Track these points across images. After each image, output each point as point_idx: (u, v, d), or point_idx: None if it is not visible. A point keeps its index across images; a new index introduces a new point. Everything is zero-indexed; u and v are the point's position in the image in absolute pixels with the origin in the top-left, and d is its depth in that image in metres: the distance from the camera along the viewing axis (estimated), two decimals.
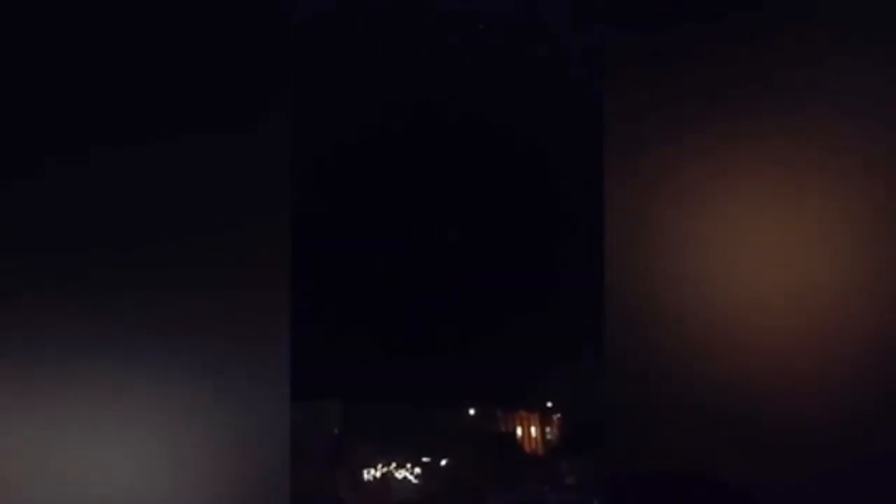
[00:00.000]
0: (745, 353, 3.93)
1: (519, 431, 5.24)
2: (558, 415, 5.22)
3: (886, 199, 3.90)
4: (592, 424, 4.98)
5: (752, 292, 3.93)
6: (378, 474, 5.16)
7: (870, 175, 3.90)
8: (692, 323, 3.94)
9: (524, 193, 5.14)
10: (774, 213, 3.93)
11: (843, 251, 3.89)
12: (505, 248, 5.16)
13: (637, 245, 3.97)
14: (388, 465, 5.16)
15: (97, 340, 3.87)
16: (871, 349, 3.89)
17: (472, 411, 5.25)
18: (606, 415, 4.00)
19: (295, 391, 4.16)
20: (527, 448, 5.23)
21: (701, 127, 3.96)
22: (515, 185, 5.14)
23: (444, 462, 5.17)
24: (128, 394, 3.87)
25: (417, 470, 5.17)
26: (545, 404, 5.22)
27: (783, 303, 3.93)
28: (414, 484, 5.18)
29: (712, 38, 3.96)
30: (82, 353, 3.83)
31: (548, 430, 5.22)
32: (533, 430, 5.23)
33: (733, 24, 3.95)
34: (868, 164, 3.90)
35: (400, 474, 5.17)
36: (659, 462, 3.98)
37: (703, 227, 3.97)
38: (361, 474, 5.16)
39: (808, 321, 3.91)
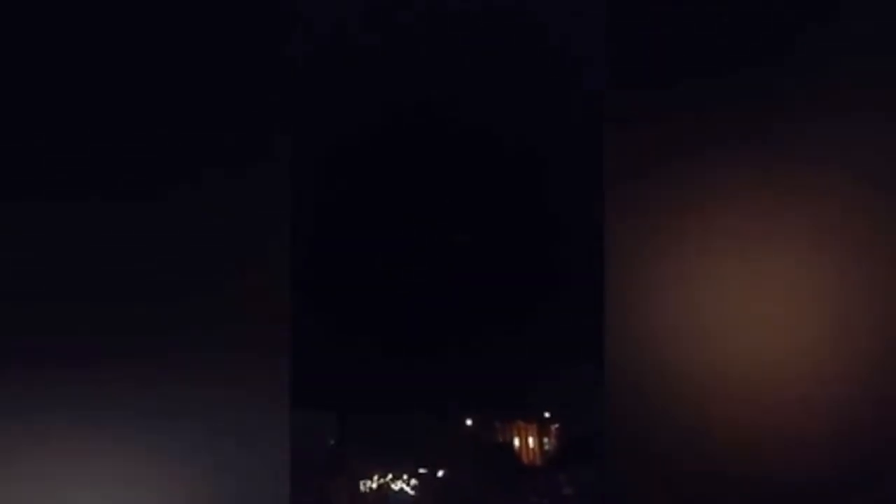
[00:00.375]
0: (741, 405, 3.99)
1: (517, 442, 5.22)
2: (556, 425, 5.20)
3: (882, 254, 3.94)
4: (591, 435, 4.97)
5: (748, 345, 3.98)
6: (375, 485, 5.14)
7: (866, 230, 3.94)
8: (690, 377, 3.99)
9: (522, 203, 5.13)
10: (770, 267, 3.98)
11: (838, 306, 3.93)
12: (503, 257, 5.15)
13: (635, 302, 4.03)
14: (385, 476, 5.14)
15: (97, 349, 3.86)
16: (866, 399, 3.93)
17: (469, 422, 5.23)
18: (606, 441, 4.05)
19: (292, 401, 4.15)
20: (525, 459, 5.21)
21: (699, 183, 4.01)
22: (513, 195, 5.12)
23: (441, 473, 5.15)
24: (128, 398, 3.85)
25: (414, 481, 5.14)
26: (543, 415, 5.20)
27: (778, 356, 3.98)
28: (411, 495, 5.16)
29: (710, 96, 4.01)
30: (81, 361, 3.82)
31: (546, 440, 5.20)
32: (531, 440, 5.21)
33: (731, 83, 4.00)
34: (864, 220, 3.95)
35: (397, 485, 5.15)
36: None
37: (700, 281, 4.02)
38: (358, 485, 5.14)
39: (802, 372, 3.96)
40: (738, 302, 4.01)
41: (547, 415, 5.20)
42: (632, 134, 3.99)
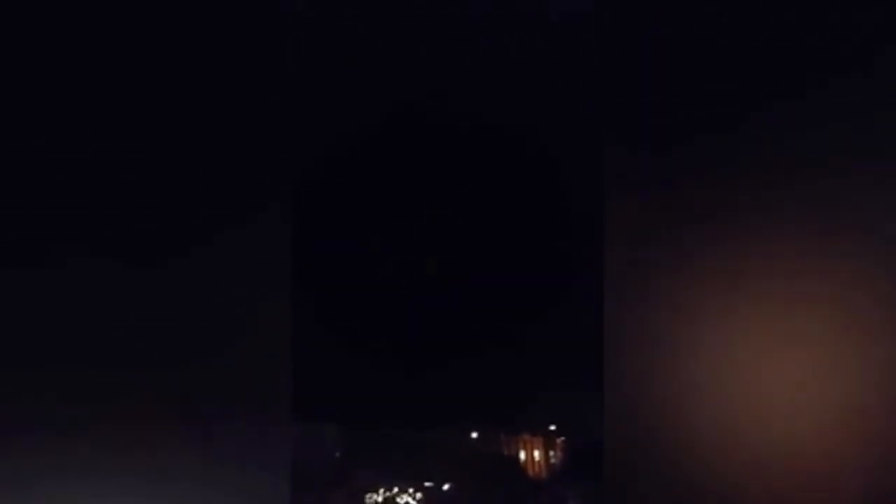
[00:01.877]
0: (741, 462, 4.02)
1: (522, 455, 5.20)
2: (562, 438, 5.18)
3: (883, 317, 3.96)
4: (596, 449, 4.94)
5: (748, 407, 4.03)
6: (380, 499, 5.12)
7: (867, 294, 3.97)
8: (689, 439, 4.03)
9: (527, 213, 5.11)
10: (772, 330, 4.02)
11: (841, 367, 3.96)
12: (507, 269, 5.13)
13: (635, 367, 4.07)
14: (391, 489, 5.11)
15: (98, 357, 3.86)
16: (866, 460, 3.95)
17: (474, 435, 5.20)
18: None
19: (295, 414, 4.14)
20: (530, 472, 5.19)
21: (700, 247, 4.04)
22: (516, 200, 5.11)
23: (446, 487, 5.13)
24: (128, 416, 3.84)
25: (420, 495, 5.12)
26: (549, 428, 5.18)
27: (776, 414, 4.01)
28: None
29: (710, 161, 4.04)
30: (81, 361, 3.82)
31: (551, 453, 5.18)
32: (536, 453, 5.18)
33: (733, 145, 4.02)
34: (864, 282, 3.97)
35: (402, 499, 5.12)
36: None
37: (701, 345, 4.07)
38: (363, 499, 5.12)
39: (802, 432, 3.99)
40: (735, 361, 4.05)
41: (552, 428, 5.18)
42: (632, 197, 4.04)
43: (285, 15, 3.99)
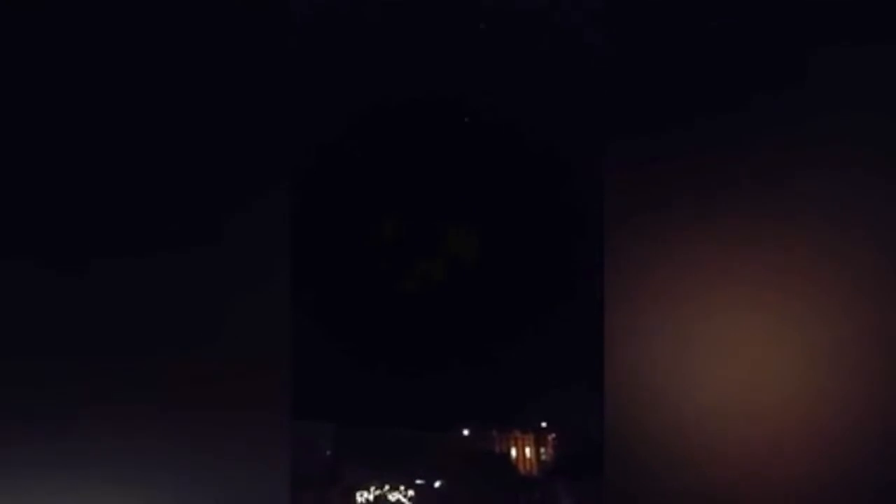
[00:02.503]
0: (739, 462, 4.05)
1: (514, 453, 5.20)
2: (553, 435, 5.18)
3: (881, 320, 3.99)
4: (588, 446, 4.95)
5: (749, 406, 4.06)
6: (371, 497, 5.11)
7: (867, 297, 4.00)
8: (688, 437, 4.05)
9: (523, 214, 5.12)
10: (769, 326, 4.04)
11: (837, 365, 4.00)
12: (501, 268, 5.13)
13: (635, 366, 4.09)
14: (382, 487, 5.11)
15: (99, 362, 3.85)
16: (867, 460, 3.98)
17: (466, 432, 5.21)
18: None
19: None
20: (522, 469, 5.19)
21: (699, 245, 4.06)
22: (514, 205, 5.11)
23: (438, 484, 5.13)
24: (129, 413, 3.84)
25: (411, 492, 5.12)
26: (540, 425, 5.18)
27: (777, 412, 4.04)
28: None
29: (709, 158, 4.06)
30: (83, 369, 3.81)
31: (543, 451, 5.18)
32: (528, 451, 5.19)
33: (732, 142, 4.05)
34: (864, 282, 4.00)
35: (393, 497, 5.12)
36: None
37: (700, 339, 4.09)
38: (355, 497, 5.11)
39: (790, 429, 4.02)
40: (736, 360, 4.08)
41: (544, 425, 5.18)
42: (631, 250, 4.07)
43: (286, 15, 3.99)
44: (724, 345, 4.12)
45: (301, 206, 4.28)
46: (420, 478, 5.13)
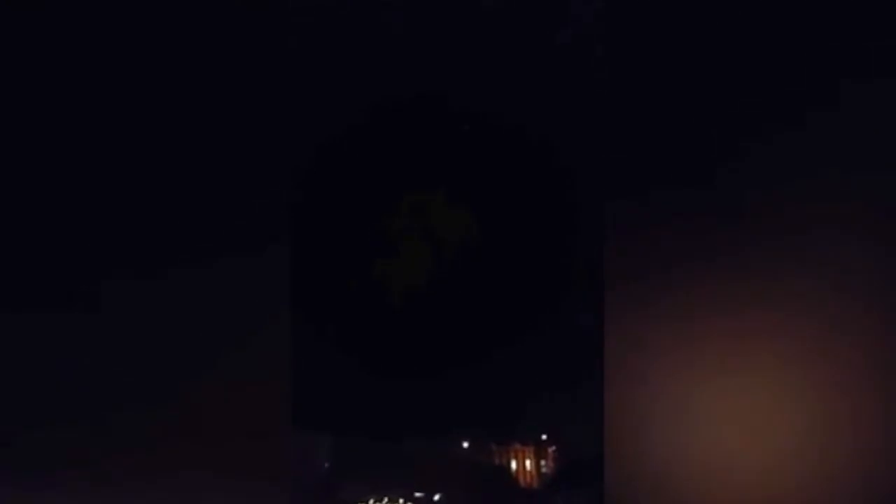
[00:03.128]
0: (738, 477, 4.05)
1: (513, 465, 5.17)
2: (553, 448, 5.15)
3: (880, 376, 3.99)
4: (587, 458, 4.92)
5: (747, 423, 4.08)
6: None
7: (862, 352, 4.01)
8: (688, 457, 4.05)
9: (520, 224, 5.10)
10: (772, 346, 4.04)
11: (836, 422, 4.00)
12: (499, 279, 5.11)
13: (634, 403, 4.08)
14: (381, 500, 5.08)
15: (102, 367, 3.83)
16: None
17: (466, 445, 5.18)
18: None
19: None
20: (521, 482, 5.16)
21: (698, 290, 4.08)
22: (512, 210, 5.09)
23: (437, 497, 5.10)
24: (126, 423, 3.82)
25: None
26: (540, 437, 5.16)
27: (776, 433, 4.04)
28: None
29: (708, 205, 4.07)
30: (89, 379, 3.79)
31: (542, 463, 5.15)
32: (527, 463, 5.16)
33: (729, 193, 4.06)
34: (860, 340, 4.01)
35: None
36: None
37: (697, 386, 4.10)
38: None
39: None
40: (734, 376, 4.08)
41: (543, 437, 5.16)
42: (631, 293, 4.09)
43: (285, 15, 3.99)
44: (725, 358, 4.12)
45: (300, 221, 4.27)
46: (419, 490, 5.09)
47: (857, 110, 3.98)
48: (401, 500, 5.09)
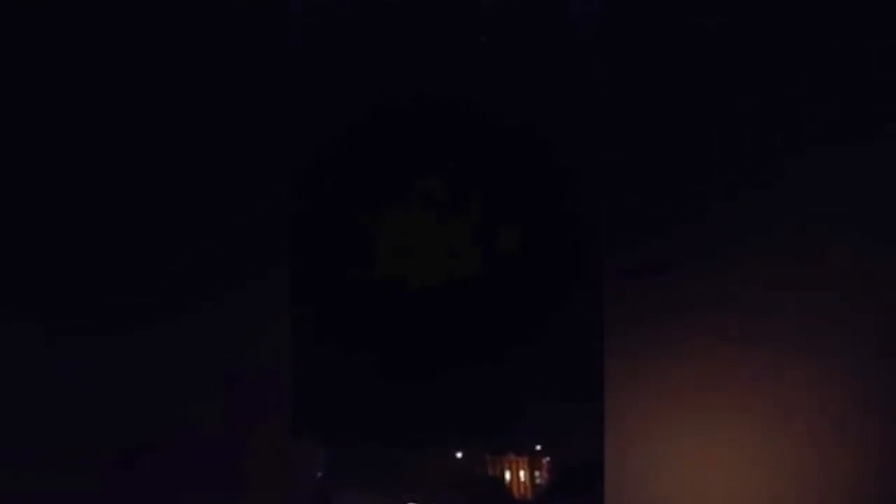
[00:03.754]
0: (740, 485, 4.08)
1: (508, 475, 5.19)
2: (547, 458, 5.18)
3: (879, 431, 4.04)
4: (582, 469, 4.96)
5: (748, 427, 4.12)
6: None
7: (865, 384, 4.04)
8: (689, 465, 4.08)
9: (517, 231, 5.09)
10: (770, 348, 4.08)
11: (838, 442, 4.04)
12: (495, 289, 5.11)
13: (634, 414, 4.09)
14: None
15: (98, 376, 3.80)
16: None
17: (460, 455, 5.19)
18: None
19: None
20: (516, 492, 5.19)
21: (699, 298, 4.10)
22: (512, 215, 5.08)
23: None
24: (132, 417, 3.81)
25: None
26: (534, 448, 5.18)
27: (777, 437, 4.09)
28: None
29: (709, 206, 4.09)
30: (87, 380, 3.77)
31: (537, 474, 5.18)
32: (522, 474, 5.18)
33: (730, 194, 4.07)
34: (863, 372, 4.04)
35: None
36: None
37: (696, 397, 4.12)
38: None
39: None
40: (733, 380, 4.12)
41: (538, 448, 5.18)
42: (630, 353, 4.10)
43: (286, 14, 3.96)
44: (722, 360, 4.15)
45: (300, 226, 4.24)
46: (413, 500, 5.10)
47: (856, 110, 4.00)
48: None
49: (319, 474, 5.09)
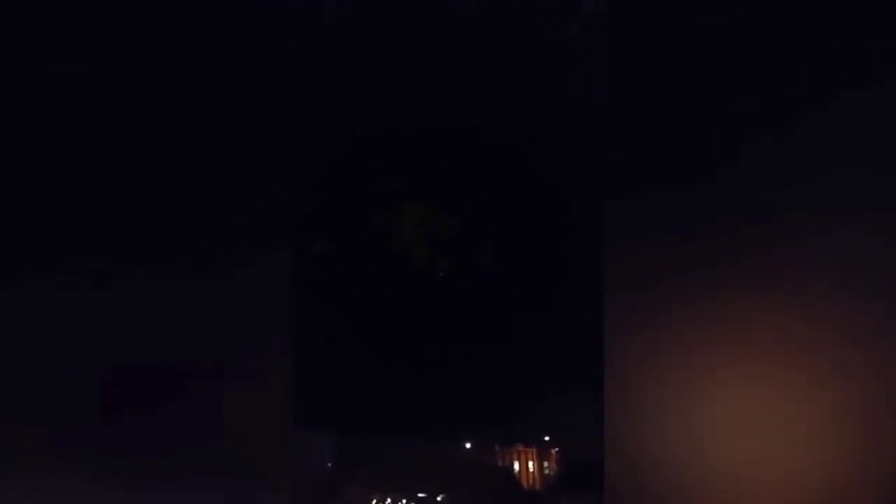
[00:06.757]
0: (741, 474, 4.04)
1: (517, 466, 5.18)
2: (556, 449, 5.16)
3: (882, 363, 3.98)
4: (590, 459, 4.93)
5: (749, 418, 4.07)
6: None
7: (870, 346, 3.99)
8: (687, 475, 4.05)
9: (521, 225, 5.09)
10: (772, 336, 4.04)
11: (834, 408, 3.99)
12: (502, 279, 5.11)
13: (635, 405, 4.07)
14: (384, 500, 5.09)
15: (98, 370, 3.83)
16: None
17: (469, 445, 5.18)
18: None
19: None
20: (524, 483, 5.17)
21: (699, 291, 4.07)
22: (511, 214, 5.08)
23: (440, 497, 5.11)
24: (129, 421, 3.83)
25: None
26: (543, 439, 5.16)
27: (777, 426, 4.04)
28: None
29: (709, 205, 4.07)
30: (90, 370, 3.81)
31: (545, 464, 5.16)
32: (531, 464, 5.17)
33: (732, 199, 4.05)
34: (869, 335, 3.99)
35: None
36: None
37: (696, 382, 4.09)
38: None
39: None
40: (735, 371, 4.08)
41: (547, 439, 5.16)
42: (632, 248, 4.07)
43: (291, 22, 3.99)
44: (725, 353, 4.13)
45: (301, 222, 4.25)
46: (423, 491, 5.10)
47: (858, 109, 3.97)
48: (404, 501, 5.10)
49: (329, 464, 5.11)
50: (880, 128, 3.98)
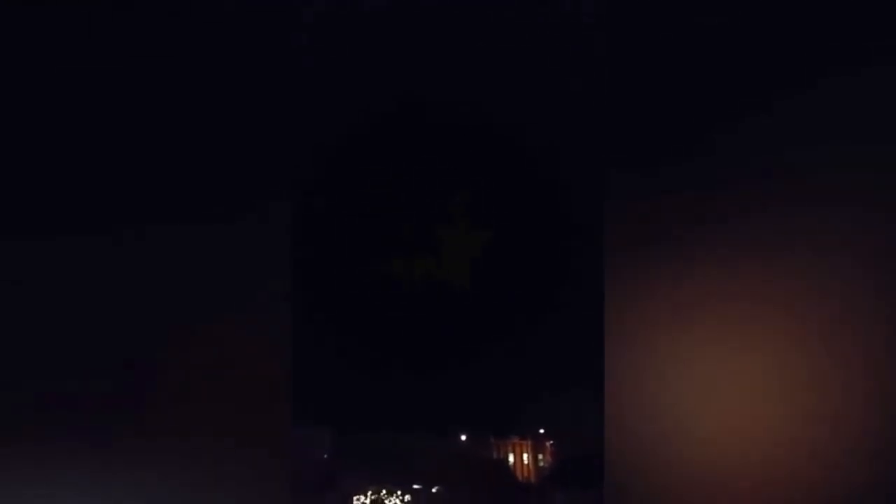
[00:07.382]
0: (739, 470, 4.04)
1: (511, 459, 5.19)
2: (551, 442, 5.17)
3: (879, 333, 3.98)
4: (586, 453, 4.94)
5: (748, 413, 4.06)
6: (368, 501, 5.10)
7: (865, 309, 3.99)
8: (689, 454, 4.05)
9: (519, 221, 5.11)
10: (774, 334, 4.04)
11: (834, 381, 3.99)
12: (499, 274, 5.13)
13: (635, 372, 4.08)
14: (379, 492, 5.10)
15: (97, 364, 3.83)
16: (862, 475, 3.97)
17: (464, 438, 5.20)
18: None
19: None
20: (519, 476, 5.18)
21: (699, 286, 4.07)
22: (510, 211, 5.10)
23: (435, 490, 5.12)
24: (125, 417, 3.83)
25: (408, 498, 5.11)
26: (538, 431, 5.17)
27: (777, 421, 4.04)
28: None
29: (709, 174, 4.08)
30: (90, 374, 3.80)
31: (540, 457, 5.18)
32: (526, 457, 5.18)
33: (730, 159, 4.06)
34: (863, 299, 3.99)
35: (391, 501, 5.11)
36: None
37: (697, 350, 4.10)
38: (351, 501, 5.10)
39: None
40: (735, 367, 4.08)
41: (542, 431, 5.18)
42: (632, 212, 4.07)
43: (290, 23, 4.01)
44: (726, 349, 4.12)
45: (302, 213, 4.27)
46: (417, 483, 5.11)
47: (859, 109, 3.98)
48: (399, 492, 5.11)
49: (325, 456, 5.13)
50: (880, 128, 4.00)
